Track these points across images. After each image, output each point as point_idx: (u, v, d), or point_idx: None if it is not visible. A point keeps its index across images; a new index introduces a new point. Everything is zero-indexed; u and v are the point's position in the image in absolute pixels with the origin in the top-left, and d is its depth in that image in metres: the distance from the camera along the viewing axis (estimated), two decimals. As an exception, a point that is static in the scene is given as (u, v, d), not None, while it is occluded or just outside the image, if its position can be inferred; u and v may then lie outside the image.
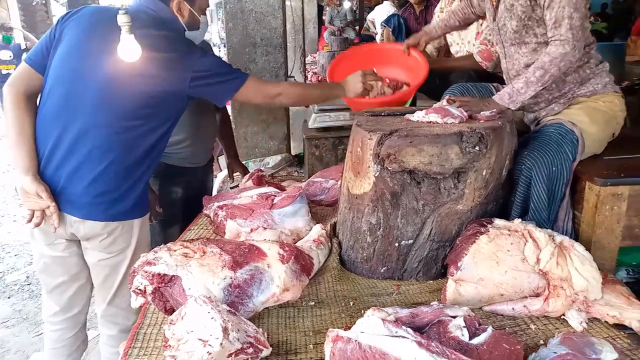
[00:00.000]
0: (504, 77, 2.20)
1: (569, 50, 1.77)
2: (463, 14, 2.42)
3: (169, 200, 2.47)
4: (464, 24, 2.49)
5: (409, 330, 1.26)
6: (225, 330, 1.21)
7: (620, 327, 1.48)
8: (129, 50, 1.72)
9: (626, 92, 5.11)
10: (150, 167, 1.99)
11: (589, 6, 1.86)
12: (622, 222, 1.73)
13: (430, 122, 1.79)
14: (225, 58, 3.05)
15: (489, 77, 2.65)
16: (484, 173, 1.68)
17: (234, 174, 2.84)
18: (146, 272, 1.50)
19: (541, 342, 1.42)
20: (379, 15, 7.61)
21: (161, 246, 1.60)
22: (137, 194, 1.95)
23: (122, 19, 1.69)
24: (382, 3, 8.21)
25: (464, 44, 2.97)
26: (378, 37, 6.81)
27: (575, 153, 1.80)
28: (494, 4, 2.06)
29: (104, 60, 1.79)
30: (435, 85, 2.81)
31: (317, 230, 1.96)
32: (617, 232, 1.74)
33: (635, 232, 1.76)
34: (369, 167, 1.73)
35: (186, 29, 2.02)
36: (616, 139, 2.13)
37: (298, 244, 1.86)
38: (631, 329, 1.45)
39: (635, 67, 6.71)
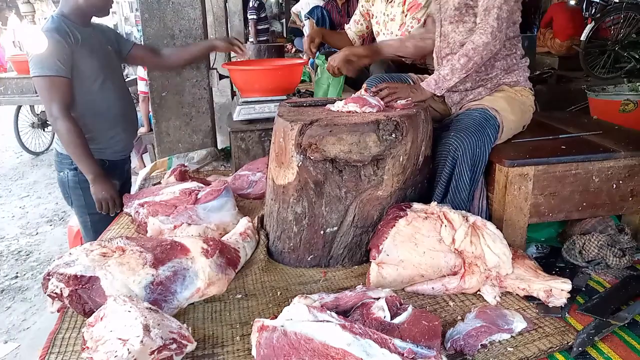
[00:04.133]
0: (434, 58, 2.25)
1: (491, 40, 1.86)
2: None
3: None
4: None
5: (334, 314, 1.29)
6: (146, 327, 1.18)
7: (529, 298, 1.58)
8: (34, 40, 1.63)
9: (537, 80, 5.46)
10: None
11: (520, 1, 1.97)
12: (530, 201, 1.85)
13: (350, 111, 1.82)
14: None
15: (406, 67, 2.73)
16: (401, 159, 1.74)
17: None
18: (62, 274, 1.44)
19: (459, 317, 1.50)
20: (304, 7, 7.62)
21: (77, 247, 1.54)
22: None
23: (25, 8, 1.60)
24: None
25: (389, 34, 3.04)
26: (305, 29, 6.82)
27: (496, 137, 1.90)
28: None
29: None
30: (357, 75, 2.86)
31: (244, 223, 1.95)
32: (525, 210, 1.86)
33: (542, 210, 1.89)
34: (292, 157, 1.74)
35: None
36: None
37: (224, 238, 1.85)
38: (539, 299, 1.56)
39: (545, 57, 7.15)
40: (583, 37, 5.83)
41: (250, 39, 8.27)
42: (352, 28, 3.12)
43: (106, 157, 2.42)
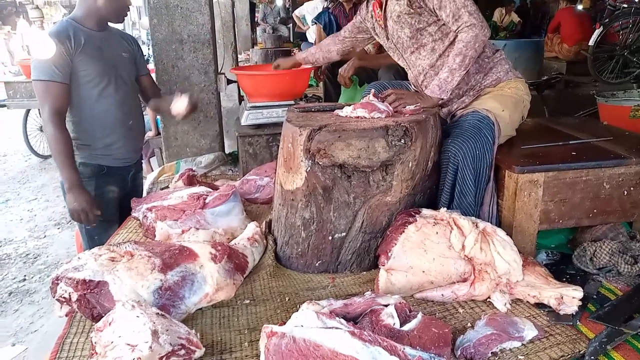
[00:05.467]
0: (413, 86, 2.29)
1: (478, 31, 1.88)
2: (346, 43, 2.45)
3: (107, 200, 2.41)
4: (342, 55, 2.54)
5: (342, 321, 1.28)
6: (154, 333, 1.18)
7: (540, 305, 1.57)
8: (39, 45, 1.63)
9: (545, 85, 5.44)
10: None
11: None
12: (540, 207, 1.84)
13: (358, 117, 1.82)
14: (151, 54, 2.96)
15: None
16: (410, 165, 1.73)
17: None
18: (70, 278, 1.44)
19: (469, 324, 1.48)
20: (309, 11, 7.62)
21: (86, 251, 1.54)
22: None
23: (34, 14, 1.60)
24: (313, -1, 8.23)
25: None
26: (309, 33, 6.83)
27: (494, 137, 1.89)
28: (382, 25, 2.13)
29: None
30: (366, 80, 2.87)
31: (252, 228, 1.95)
32: (535, 216, 1.85)
33: (552, 216, 1.87)
34: (300, 162, 1.73)
35: None
36: (533, 129, 2.25)
37: (232, 242, 1.84)
38: (550, 306, 1.54)
39: (552, 62, 7.13)
40: (591, 42, 5.80)
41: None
42: None
43: (104, 163, 2.37)
